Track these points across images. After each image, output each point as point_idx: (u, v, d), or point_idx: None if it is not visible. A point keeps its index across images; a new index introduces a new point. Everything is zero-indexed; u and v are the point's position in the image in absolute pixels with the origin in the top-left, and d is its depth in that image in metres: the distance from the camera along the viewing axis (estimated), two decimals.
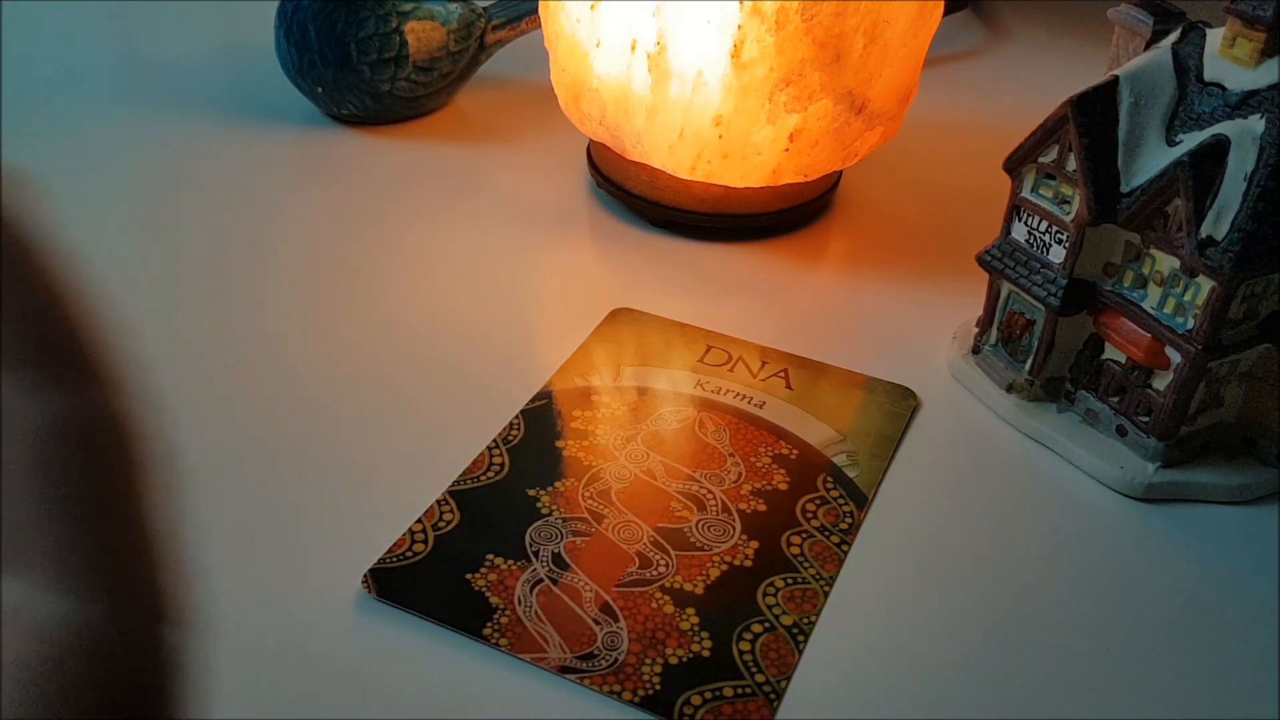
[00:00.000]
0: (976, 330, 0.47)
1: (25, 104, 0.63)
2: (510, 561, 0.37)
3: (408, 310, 0.49)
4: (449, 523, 0.38)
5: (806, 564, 0.38)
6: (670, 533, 0.39)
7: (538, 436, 0.42)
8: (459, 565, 0.37)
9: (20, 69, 0.67)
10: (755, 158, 0.50)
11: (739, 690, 0.34)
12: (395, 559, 0.37)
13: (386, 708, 0.33)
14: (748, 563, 0.38)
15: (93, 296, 0.18)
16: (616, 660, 0.34)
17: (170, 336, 0.47)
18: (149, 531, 0.18)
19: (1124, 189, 0.40)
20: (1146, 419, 0.41)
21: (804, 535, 0.39)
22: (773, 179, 0.52)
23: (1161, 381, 0.41)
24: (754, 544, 0.38)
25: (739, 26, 0.46)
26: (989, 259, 0.45)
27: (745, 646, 0.35)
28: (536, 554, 0.37)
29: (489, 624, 0.35)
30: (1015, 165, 0.43)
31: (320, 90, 0.60)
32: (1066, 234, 0.41)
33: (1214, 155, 0.37)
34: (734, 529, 0.39)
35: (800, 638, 0.35)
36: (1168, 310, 0.40)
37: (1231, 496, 0.42)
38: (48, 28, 0.72)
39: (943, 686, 0.35)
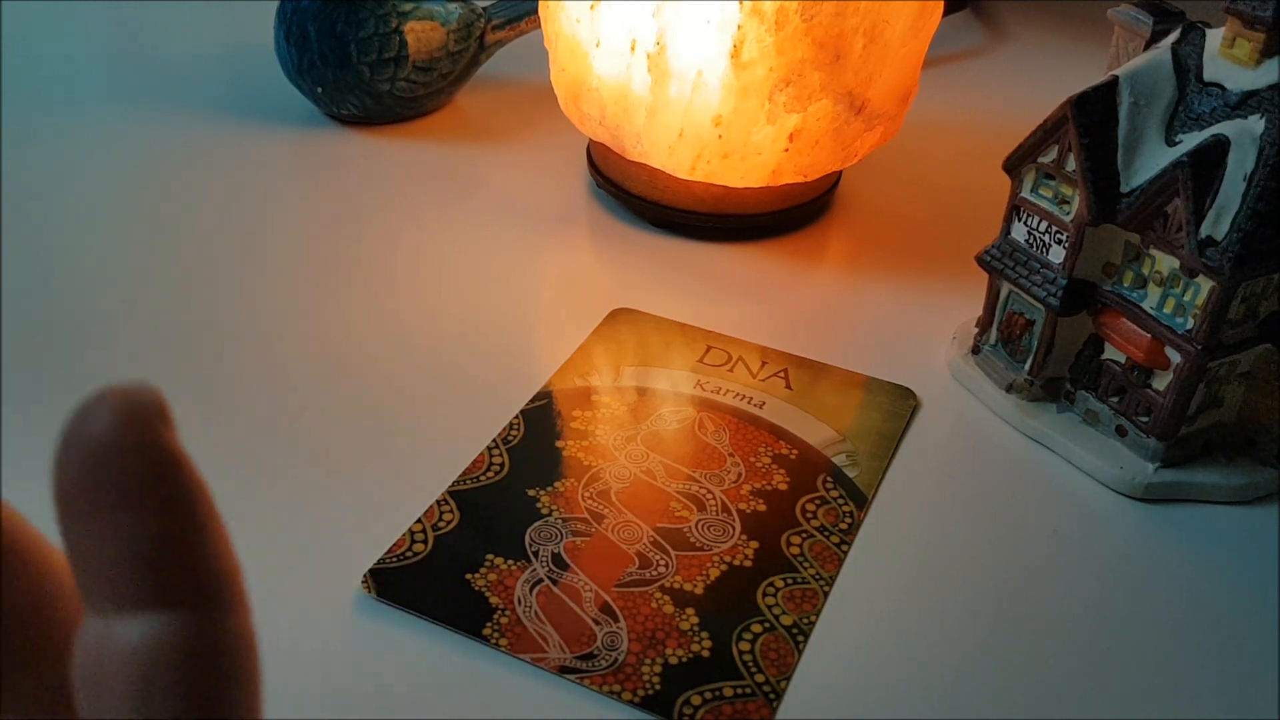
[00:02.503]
0: (976, 330, 0.47)
1: (25, 104, 0.63)
2: (510, 561, 0.37)
3: (408, 310, 0.49)
4: (449, 523, 0.38)
5: (806, 564, 0.38)
6: (670, 533, 0.39)
7: (538, 436, 0.42)
8: (459, 565, 0.37)
9: (20, 69, 0.67)
10: (755, 158, 0.50)
11: (739, 690, 0.34)
12: (395, 559, 0.37)
13: (386, 708, 0.33)
14: (747, 563, 0.38)
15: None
16: (616, 660, 0.34)
17: (170, 336, 0.47)
18: None
19: (1124, 189, 0.40)
20: (1146, 419, 0.41)
21: (804, 535, 0.39)
22: (773, 179, 0.51)
23: (1161, 381, 0.41)
24: (754, 544, 0.38)
25: (739, 26, 0.46)
26: (989, 259, 0.44)
27: (745, 646, 0.35)
28: (536, 554, 0.37)
29: (489, 624, 0.35)
30: (1015, 165, 0.43)
31: (320, 90, 0.60)
32: (1066, 234, 0.41)
33: (1214, 155, 0.37)
34: (734, 529, 0.39)
35: (800, 638, 0.35)
36: (1168, 310, 0.40)
37: (1231, 496, 0.42)
38: (48, 28, 0.72)
39: (943, 686, 0.35)
